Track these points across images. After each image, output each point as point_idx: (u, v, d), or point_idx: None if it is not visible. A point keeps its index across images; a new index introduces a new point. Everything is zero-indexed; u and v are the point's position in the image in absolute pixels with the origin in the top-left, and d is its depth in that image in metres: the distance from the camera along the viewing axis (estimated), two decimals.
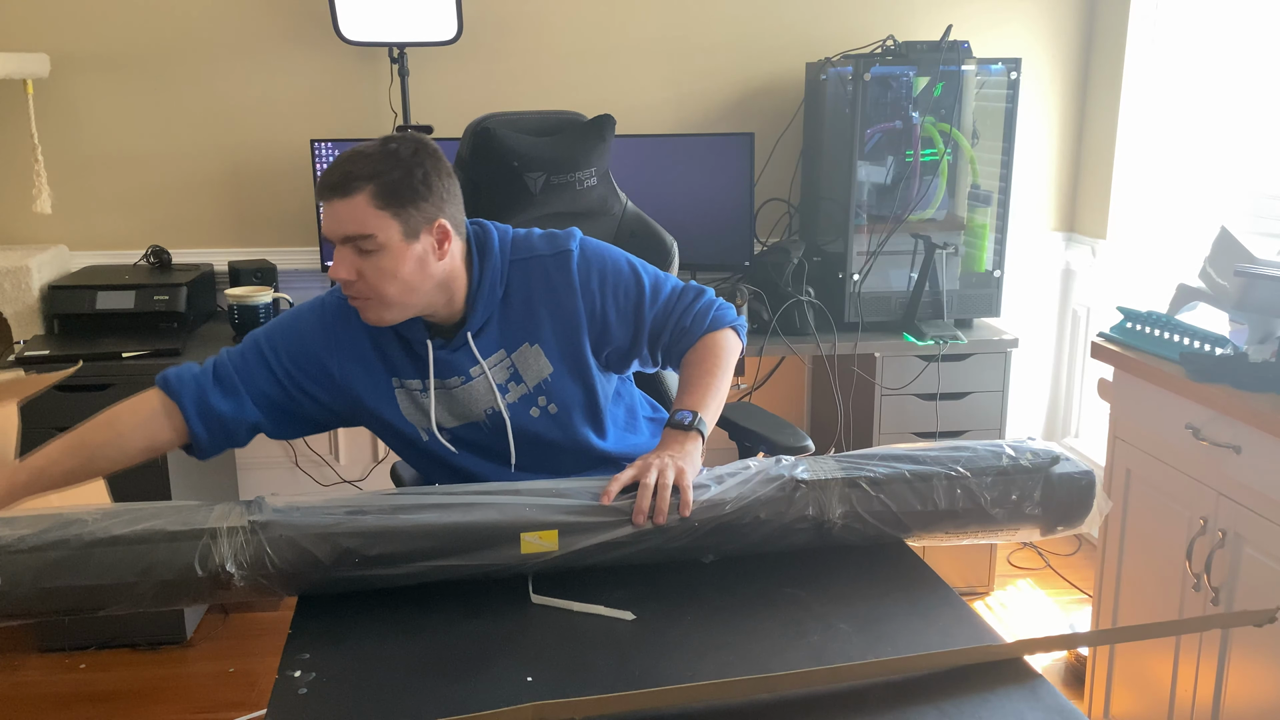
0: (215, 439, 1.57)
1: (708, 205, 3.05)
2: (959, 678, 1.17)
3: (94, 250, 3.09)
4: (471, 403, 1.61)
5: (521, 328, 1.61)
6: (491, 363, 1.60)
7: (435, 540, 1.31)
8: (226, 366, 1.58)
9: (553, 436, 1.63)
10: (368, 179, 1.45)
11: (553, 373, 1.62)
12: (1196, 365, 1.91)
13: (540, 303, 1.61)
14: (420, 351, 1.59)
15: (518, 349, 1.61)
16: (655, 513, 1.35)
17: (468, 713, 1.09)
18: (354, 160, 1.46)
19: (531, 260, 1.63)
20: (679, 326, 1.65)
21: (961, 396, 2.90)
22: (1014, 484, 1.45)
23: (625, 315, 1.64)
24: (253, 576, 1.28)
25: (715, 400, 1.57)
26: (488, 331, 1.60)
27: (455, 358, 1.59)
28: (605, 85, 3.17)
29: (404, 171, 1.47)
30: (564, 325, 1.62)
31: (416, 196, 1.48)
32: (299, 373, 1.59)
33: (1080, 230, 3.42)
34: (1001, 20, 3.27)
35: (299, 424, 1.64)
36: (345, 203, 1.45)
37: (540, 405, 1.62)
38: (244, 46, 3.03)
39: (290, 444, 3.30)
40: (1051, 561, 3.29)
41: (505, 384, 1.61)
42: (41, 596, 1.24)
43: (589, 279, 1.63)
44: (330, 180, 1.47)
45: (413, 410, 1.62)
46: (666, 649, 1.24)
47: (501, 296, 1.61)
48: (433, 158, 1.51)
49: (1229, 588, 1.89)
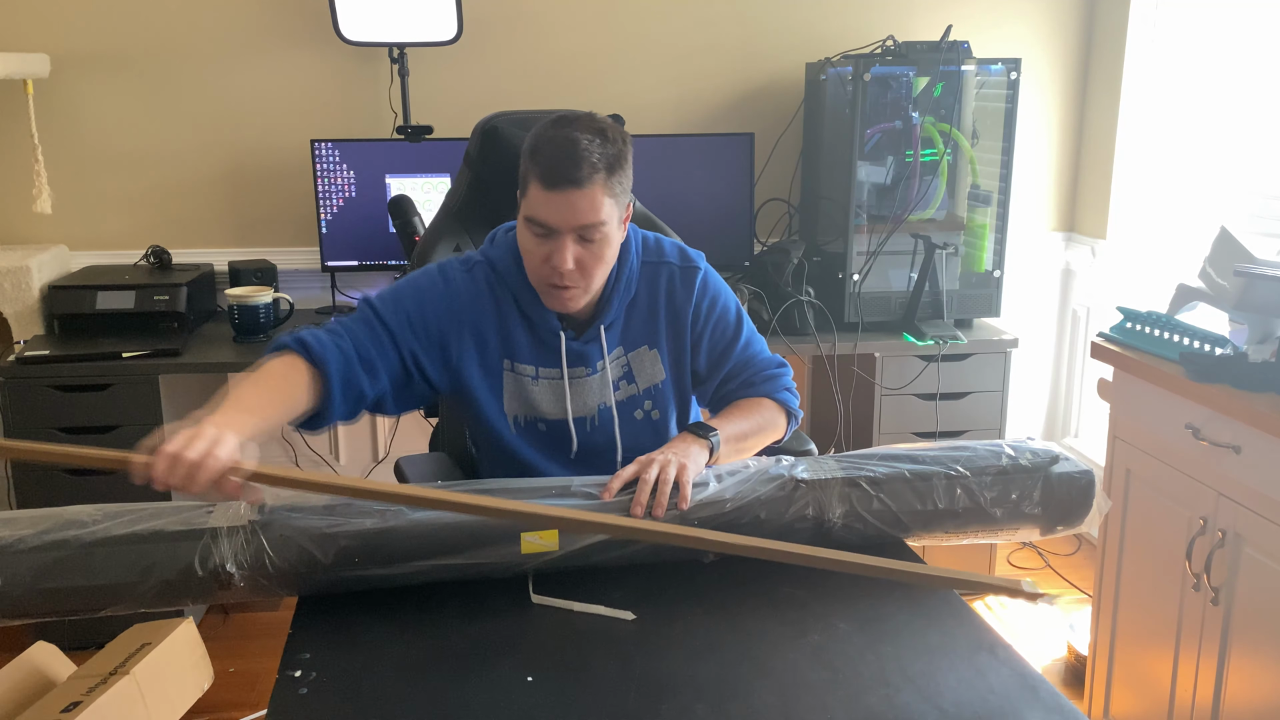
0: (349, 413, 1.53)
1: (708, 205, 3.06)
2: (959, 678, 1.17)
3: (94, 250, 3.09)
4: (589, 395, 1.62)
5: (642, 331, 1.64)
6: (610, 359, 1.62)
7: (435, 540, 1.31)
8: (364, 343, 1.53)
9: (645, 441, 1.63)
10: (601, 169, 1.44)
11: (664, 380, 1.65)
12: (1196, 365, 1.91)
13: (662, 309, 1.64)
14: (547, 339, 1.60)
15: (635, 350, 1.64)
16: (654, 507, 1.35)
17: (467, 713, 1.09)
18: (585, 148, 1.43)
19: (661, 265, 1.65)
20: (749, 381, 1.68)
21: (961, 396, 2.90)
22: (1014, 483, 1.45)
23: (716, 347, 1.68)
24: (253, 576, 1.28)
25: (737, 440, 1.57)
26: (613, 327, 1.62)
27: (585, 350, 1.60)
28: (605, 85, 3.17)
29: (624, 158, 1.48)
30: (676, 335, 1.65)
31: (629, 183, 1.51)
32: (419, 349, 1.56)
33: (1080, 230, 3.42)
34: (1001, 20, 3.27)
35: (410, 402, 1.62)
36: (583, 193, 1.44)
37: (645, 409, 1.65)
38: (244, 46, 3.03)
39: (290, 444, 3.30)
40: (1051, 561, 3.29)
41: (617, 382, 1.63)
42: (42, 596, 1.24)
43: (704, 300, 1.66)
44: (567, 172, 1.42)
45: (514, 397, 1.61)
46: (666, 649, 1.24)
47: (631, 296, 1.63)
48: (629, 140, 1.51)
49: (1229, 588, 1.89)
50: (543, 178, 1.44)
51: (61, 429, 2.59)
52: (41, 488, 2.62)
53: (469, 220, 2.10)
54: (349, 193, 2.96)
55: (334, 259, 2.99)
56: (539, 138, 1.47)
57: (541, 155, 1.45)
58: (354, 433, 3.32)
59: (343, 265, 3.01)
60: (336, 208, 2.96)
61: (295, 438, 3.28)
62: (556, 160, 1.43)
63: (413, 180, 2.96)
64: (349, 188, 2.95)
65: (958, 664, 1.20)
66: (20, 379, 2.55)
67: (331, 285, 3.13)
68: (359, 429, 3.33)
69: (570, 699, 1.14)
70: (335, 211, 2.96)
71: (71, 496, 2.60)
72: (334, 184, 2.95)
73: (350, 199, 2.96)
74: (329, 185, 2.94)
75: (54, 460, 1.24)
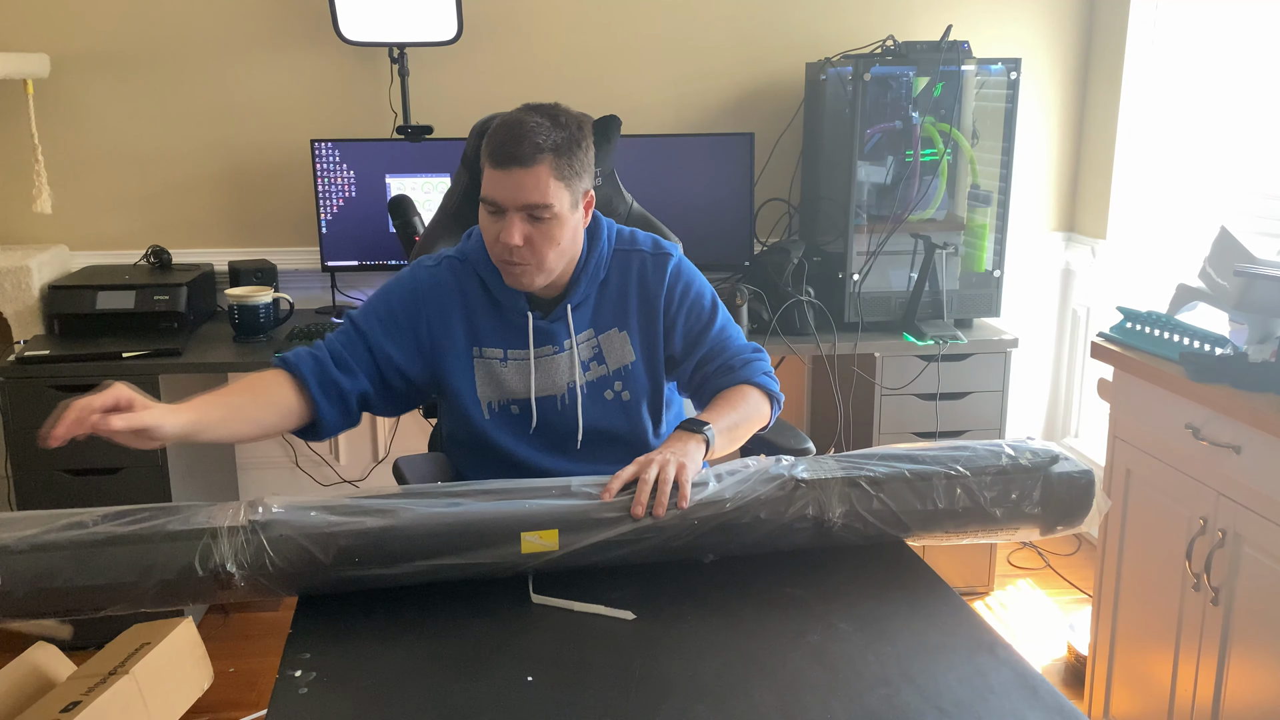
0: (335, 411, 1.62)
1: (708, 205, 3.06)
2: (959, 678, 1.17)
3: (94, 250, 3.09)
4: (556, 373, 1.67)
5: (613, 313, 1.70)
6: (579, 340, 1.68)
7: (435, 540, 1.31)
8: (336, 345, 1.64)
9: (616, 423, 1.70)
10: (549, 150, 1.51)
11: (634, 361, 1.71)
12: (1196, 365, 1.91)
13: (633, 294, 1.71)
14: (514, 320, 1.66)
15: (606, 332, 1.70)
16: (655, 506, 1.36)
17: (468, 713, 1.09)
18: (533, 130, 1.51)
19: (633, 253, 1.73)
20: (728, 364, 1.71)
21: (961, 396, 2.90)
22: (1013, 483, 1.45)
23: (691, 330, 1.73)
24: (253, 576, 1.28)
25: (729, 432, 1.60)
26: (582, 309, 1.68)
27: (551, 328, 1.66)
28: (605, 85, 3.17)
29: (575, 143, 1.55)
30: (649, 320, 1.71)
31: (582, 168, 1.57)
32: (391, 346, 1.65)
33: (1080, 230, 3.42)
34: (1001, 20, 3.27)
35: (395, 402, 1.70)
36: (528, 172, 1.51)
37: (615, 390, 1.70)
38: (244, 46, 3.03)
39: (290, 444, 3.30)
40: (1051, 561, 3.29)
41: (587, 362, 1.69)
42: (42, 597, 1.24)
43: (676, 285, 1.72)
44: (511, 150, 1.50)
45: (486, 382, 1.67)
46: (666, 649, 1.24)
47: (602, 280, 1.69)
48: (589, 129, 1.59)
49: (1229, 587, 1.89)
50: (491, 156, 1.53)
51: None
52: (41, 488, 2.62)
53: (467, 220, 2.09)
54: (349, 193, 2.96)
55: (334, 259, 2.99)
56: (496, 121, 1.56)
57: (494, 136, 1.53)
58: (354, 433, 3.32)
59: (343, 265, 3.01)
60: (336, 208, 2.96)
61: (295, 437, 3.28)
62: (504, 140, 1.52)
63: (413, 180, 2.96)
64: (349, 188, 2.95)
65: (958, 664, 1.20)
66: (20, 379, 2.55)
67: (331, 285, 3.13)
68: (359, 429, 3.32)
69: (570, 699, 1.14)
70: (335, 211, 2.96)
71: (71, 497, 2.61)
72: (334, 184, 2.95)
73: (350, 199, 2.96)
74: (329, 185, 2.94)
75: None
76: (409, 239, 2.74)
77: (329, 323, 2.87)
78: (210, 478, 3.05)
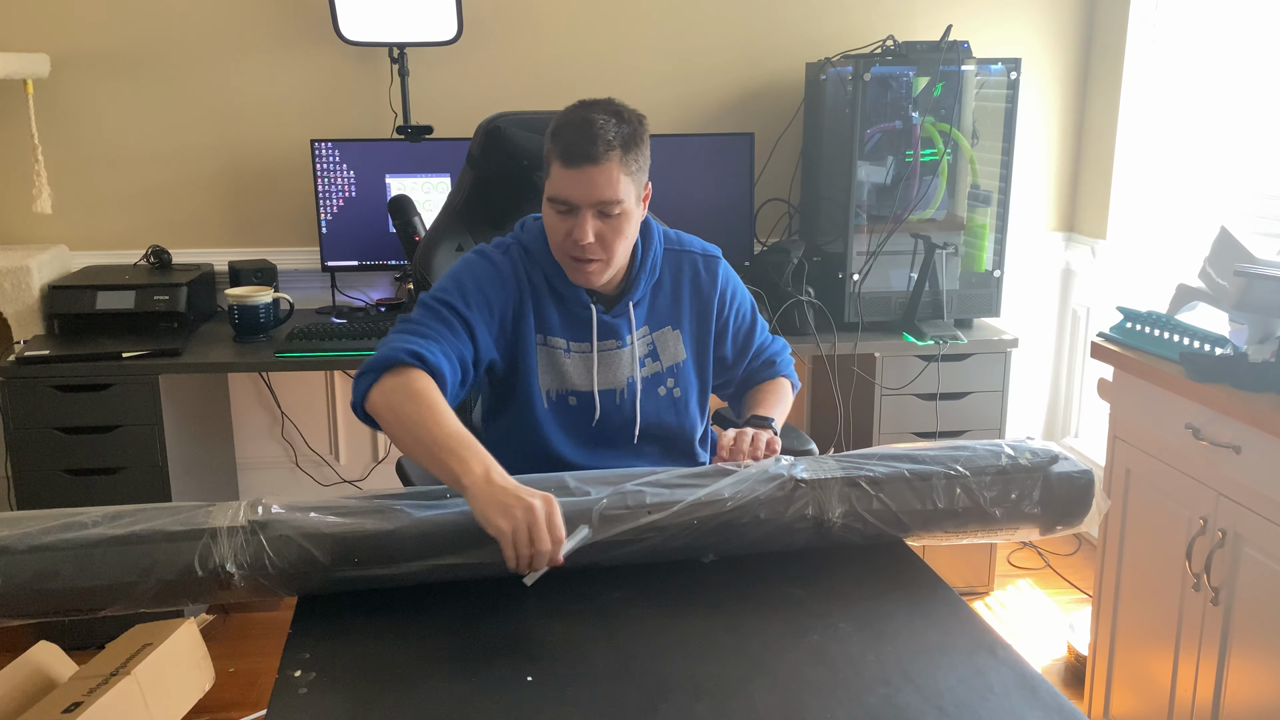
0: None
1: (708, 205, 3.06)
2: (959, 678, 1.17)
3: (94, 250, 3.09)
4: (619, 368, 1.70)
5: (667, 311, 1.73)
6: (636, 336, 1.71)
7: (435, 540, 1.32)
8: (458, 347, 1.56)
9: (668, 418, 1.74)
10: (618, 146, 1.53)
11: (685, 360, 1.75)
12: (1196, 365, 1.91)
13: (686, 293, 1.75)
14: (578, 313, 1.67)
15: (660, 329, 1.73)
16: (752, 452, 1.52)
17: (467, 713, 1.09)
18: (602, 128, 1.52)
19: (684, 253, 1.76)
20: (767, 360, 1.87)
21: (961, 396, 2.90)
22: (1013, 483, 1.45)
23: (739, 333, 1.82)
24: (253, 576, 1.28)
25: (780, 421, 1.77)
26: (640, 307, 1.71)
27: (614, 323, 1.69)
28: (605, 85, 3.17)
29: (639, 138, 1.57)
30: (700, 319, 1.76)
31: (646, 162, 1.60)
32: (487, 334, 1.62)
33: (1080, 230, 3.42)
34: (1001, 20, 3.27)
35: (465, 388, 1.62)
36: (600, 170, 1.52)
37: (668, 386, 1.74)
38: (244, 46, 3.03)
39: (290, 444, 3.30)
40: (1051, 561, 3.29)
41: (643, 358, 1.72)
42: (42, 597, 1.24)
43: (727, 287, 1.79)
44: (583, 148, 1.51)
45: (548, 371, 1.67)
46: (666, 649, 1.24)
47: (656, 279, 1.72)
48: (646, 121, 1.60)
49: (1229, 587, 1.89)
50: (562, 156, 1.53)
51: (61, 429, 2.59)
52: (42, 488, 2.62)
53: (472, 220, 2.10)
54: (349, 193, 2.96)
55: (334, 259, 2.99)
56: (559, 120, 1.56)
57: (561, 135, 1.54)
58: (354, 433, 3.32)
59: (343, 265, 3.01)
60: (336, 208, 2.96)
61: (295, 437, 3.28)
62: (574, 139, 1.52)
63: (413, 180, 2.96)
64: (349, 188, 2.96)
65: (958, 664, 1.20)
66: (20, 379, 2.55)
67: (331, 285, 3.13)
68: (359, 429, 3.33)
69: (570, 699, 1.14)
70: (335, 211, 2.96)
71: (71, 497, 2.61)
72: (334, 184, 2.95)
73: (350, 199, 2.96)
74: (329, 185, 2.94)
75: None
76: (409, 239, 2.74)
77: (329, 323, 2.87)
78: (210, 478, 3.05)
